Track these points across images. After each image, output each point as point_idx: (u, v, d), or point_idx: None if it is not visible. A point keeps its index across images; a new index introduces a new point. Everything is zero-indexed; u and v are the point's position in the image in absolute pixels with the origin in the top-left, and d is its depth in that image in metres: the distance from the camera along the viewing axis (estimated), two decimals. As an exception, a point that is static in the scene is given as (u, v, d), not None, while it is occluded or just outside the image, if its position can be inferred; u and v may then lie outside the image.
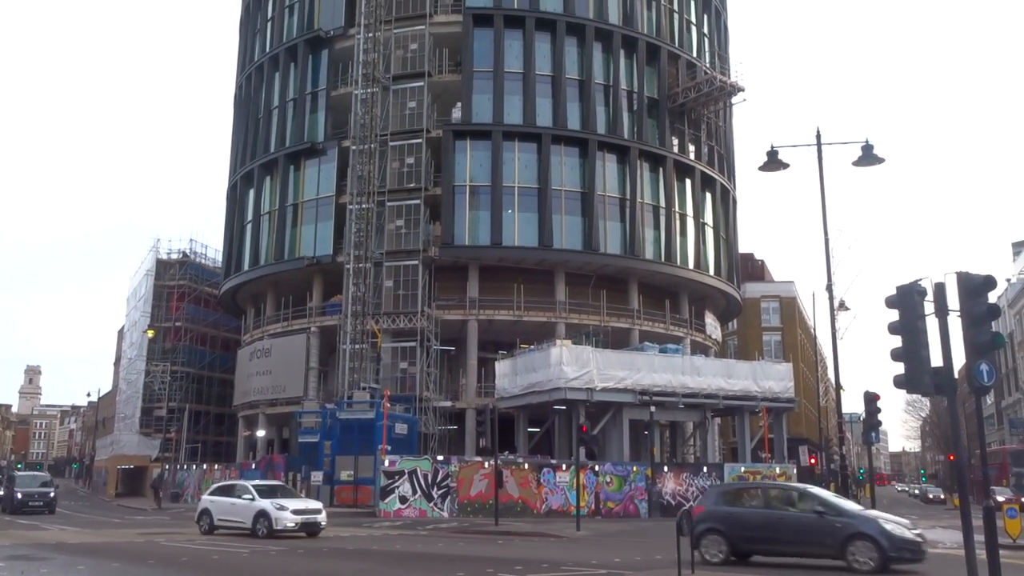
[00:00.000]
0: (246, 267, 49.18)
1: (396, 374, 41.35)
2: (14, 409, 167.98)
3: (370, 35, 43.37)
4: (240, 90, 54.75)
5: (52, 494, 35.26)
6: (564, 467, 31.03)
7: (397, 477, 29.05)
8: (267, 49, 51.32)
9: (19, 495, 34.35)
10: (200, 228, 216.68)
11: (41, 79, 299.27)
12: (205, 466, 46.20)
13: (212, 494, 22.97)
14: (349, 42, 45.94)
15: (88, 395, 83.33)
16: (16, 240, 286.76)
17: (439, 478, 29.48)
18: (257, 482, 24.12)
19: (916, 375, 10.25)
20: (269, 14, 52.16)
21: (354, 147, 42.51)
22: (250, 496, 21.37)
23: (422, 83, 43.91)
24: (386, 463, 29.22)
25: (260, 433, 47.33)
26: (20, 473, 42.46)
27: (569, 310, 43.42)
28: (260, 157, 49.48)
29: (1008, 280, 70.51)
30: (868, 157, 19.30)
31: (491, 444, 26.22)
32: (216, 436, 60.35)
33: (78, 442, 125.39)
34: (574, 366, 33.47)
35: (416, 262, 41.75)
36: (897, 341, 10.50)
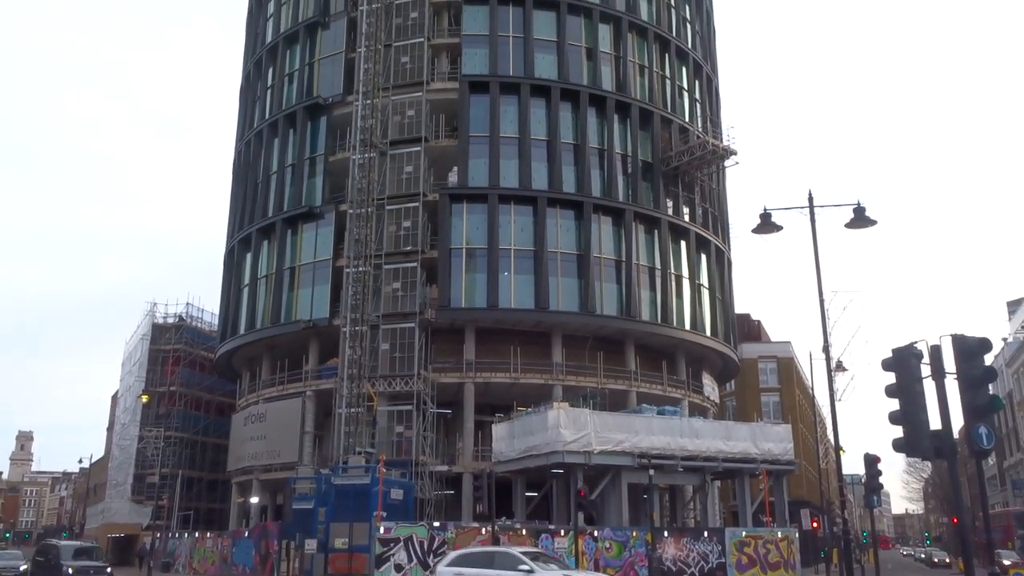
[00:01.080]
0: (242, 330, 49.09)
1: (392, 438, 40.93)
2: (4, 476, 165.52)
3: (368, 102, 44.12)
4: (239, 156, 55.45)
5: (109, 569, 30.68)
6: (563, 532, 30.50)
7: (392, 544, 28.52)
8: (267, 116, 52.15)
9: (69, 571, 28.99)
10: (197, 292, 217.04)
11: (38, 139, 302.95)
12: (197, 534, 45.36)
13: (456, 564, 19.61)
14: (347, 109, 46.72)
15: (80, 461, 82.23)
16: (10, 305, 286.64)
17: (435, 545, 28.93)
18: (523, 549, 20.91)
19: (915, 439, 10.19)
20: (269, 82, 53.16)
21: (351, 211, 42.86)
22: (526, 568, 17.98)
23: (419, 148, 44.51)
24: (381, 530, 28.72)
25: (254, 500, 46.60)
26: (65, 543, 35.72)
27: (566, 372, 43.24)
28: (258, 221, 49.84)
29: (1004, 339, 70.52)
30: (860, 219, 19.47)
31: (488, 509, 25.83)
32: (209, 503, 59.38)
33: (68, 510, 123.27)
34: (571, 429, 33.16)
35: (412, 325, 41.71)
36: (895, 404, 10.47)
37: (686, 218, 49.60)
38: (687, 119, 51.82)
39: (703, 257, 50.24)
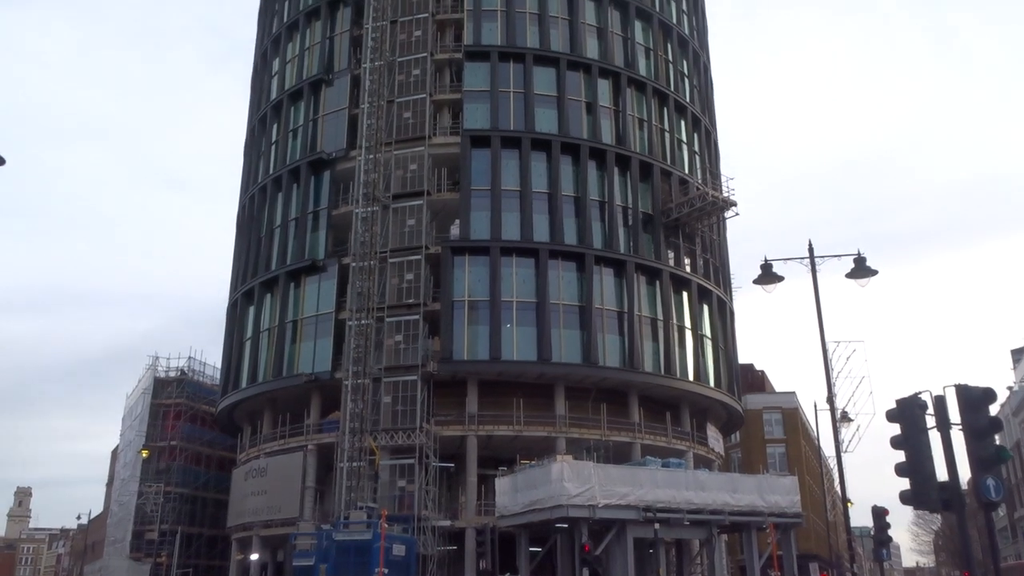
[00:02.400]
0: (244, 384, 48.91)
1: (394, 492, 40.47)
2: (1, 533, 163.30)
3: (371, 156, 44.64)
4: (243, 210, 55.90)
5: None
6: (567, 589, 29.94)
7: (395, 602, 27.97)
8: (271, 170, 52.73)
9: None
10: (200, 346, 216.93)
11: (43, 195, 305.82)
12: (196, 592, 44.60)
13: None
14: (350, 163, 47.25)
15: (78, 518, 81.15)
16: (11, 360, 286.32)
17: (438, 603, 28.39)
18: None
19: (922, 491, 10.08)
20: (274, 138, 53.85)
21: (354, 264, 43.04)
22: None
23: (421, 201, 44.88)
24: (383, 587, 28.20)
25: (254, 556, 45.87)
26: None
27: (569, 424, 42.92)
28: (261, 274, 50.04)
29: (1009, 388, 69.99)
30: (861, 269, 19.57)
31: (492, 565, 25.42)
32: (208, 560, 58.44)
33: (65, 567, 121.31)
34: (576, 482, 32.76)
35: (415, 377, 41.55)
36: (901, 456, 10.37)
37: (687, 269, 49.75)
38: (687, 171, 52.31)
39: (705, 308, 50.25)
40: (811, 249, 21.28)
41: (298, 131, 52.14)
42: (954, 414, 10.28)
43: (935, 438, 10.24)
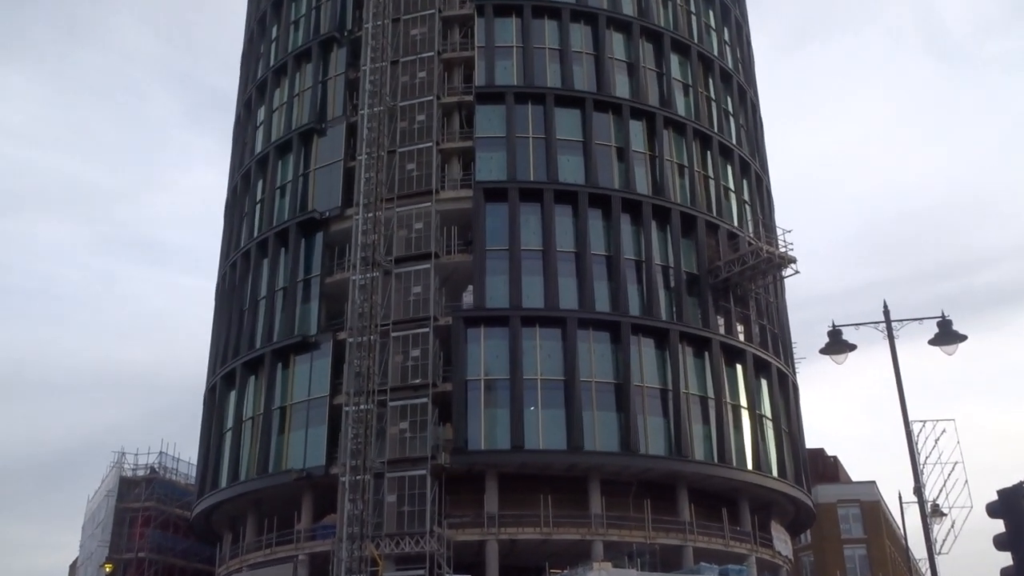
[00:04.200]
0: (224, 483, 48.65)
1: (401, 611, 39.81)
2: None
3: (370, 215, 45.07)
4: (223, 281, 56.49)
5: None
6: None
7: None
8: (255, 234, 53.42)
9: None
10: (173, 439, 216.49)
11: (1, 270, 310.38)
12: None
13: None
14: (346, 223, 47.78)
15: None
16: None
17: None
18: None
19: (1036, 601, 9.74)
20: (258, 196, 54.71)
21: (351, 340, 43.10)
22: None
23: (428, 265, 45.10)
24: None
25: None
26: None
27: (607, 525, 42.20)
28: (244, 354, 50.24)
29: None
30: (947, 334, 19.36)
31: None
32: None
33: None
34: (616, 595, 32.14)
35: (423, 472, 41.16)
36: (1007, 559, 10.08)
37: (741, 338, 49.48)
38: (736, 223, 52.50)
39: (764, 383, 49.81)
40: (887, 312, 21.09)
41: (286, 188, 52.98)
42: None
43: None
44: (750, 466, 46.38)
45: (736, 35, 61.37)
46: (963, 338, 19.44)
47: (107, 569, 56.56)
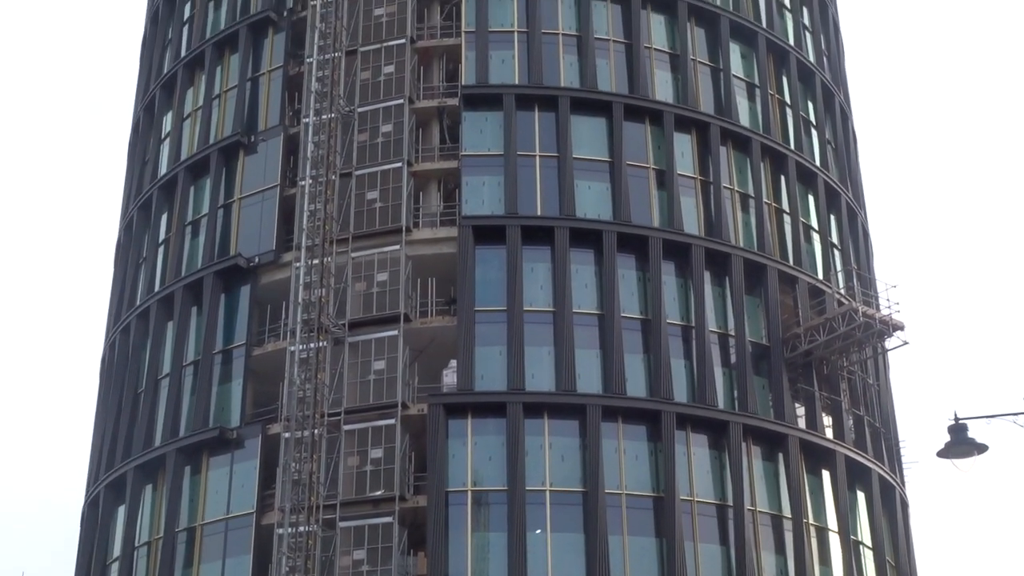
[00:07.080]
0: (107, 636, 47.89)
1: None
2: None
3: (315, 262, 44.71)
4: (109, 354, 55.79)
5: None
6: None
7: None
8: (155, 287, 52.81)
9: None
10: (38, 573, 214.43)
11: None
12: None
13: None
14: (283, 273, 47.35)
15: None
16: None
17: None
18: None
19: None
20: (161, 236, 54.21)
21: (287, 434, 42.53)
22: None
23: (395, 331, 44.59)
24: None
25: None
26: None
27: None
28: (137, 455, 49.37)
29: None
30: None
31: None
32: None
33: None
34: None
35: (386, 623, 40.53)
36: None
37: (829, 433, 48.86)
38: (821, 275, 52.14)
39: (860, 496, 49.16)
40: (1033, 401, 20.64)
41: (200, 224, 52.56)
42: None
43: None
44: (843, 615, 45.71)
45: (820, 15, 61.48)
46: None
47: None
